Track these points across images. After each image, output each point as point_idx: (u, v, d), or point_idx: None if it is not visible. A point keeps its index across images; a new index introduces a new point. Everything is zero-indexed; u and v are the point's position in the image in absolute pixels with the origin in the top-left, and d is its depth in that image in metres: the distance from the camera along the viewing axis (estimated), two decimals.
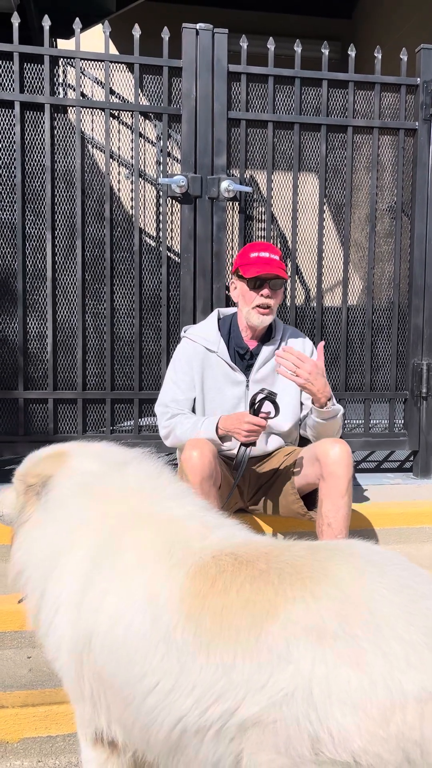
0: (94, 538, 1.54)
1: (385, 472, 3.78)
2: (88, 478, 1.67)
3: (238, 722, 1.29)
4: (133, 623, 1.41)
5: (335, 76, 3.44)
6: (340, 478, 2.40)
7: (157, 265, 3.36)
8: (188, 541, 1.51)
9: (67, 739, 2.15)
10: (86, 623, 1.47)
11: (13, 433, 3.27)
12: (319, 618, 1.28)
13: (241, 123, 3.36)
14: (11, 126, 3.18)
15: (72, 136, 3.25)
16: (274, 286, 2.62)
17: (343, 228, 3.54)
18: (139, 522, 1.55)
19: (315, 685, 1.23)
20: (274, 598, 1.33)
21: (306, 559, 1.41)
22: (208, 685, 1.32)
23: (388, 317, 3.61)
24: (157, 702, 1.36)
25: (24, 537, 1.66)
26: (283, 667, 1.26)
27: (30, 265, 3.25)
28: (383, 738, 1.18)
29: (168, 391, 2.68)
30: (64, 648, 1.52)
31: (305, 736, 1.23)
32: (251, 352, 2.71)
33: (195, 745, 1.34)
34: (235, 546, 1.50)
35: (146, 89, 3.32)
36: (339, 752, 1.21)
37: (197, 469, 2.34)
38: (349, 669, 1.22)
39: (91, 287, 3.32)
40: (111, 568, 1.49)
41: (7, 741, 2.14)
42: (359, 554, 1.42)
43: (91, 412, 3.37)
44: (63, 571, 1.54)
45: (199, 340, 2.71)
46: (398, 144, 3.53)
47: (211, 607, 1.37)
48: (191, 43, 3.27)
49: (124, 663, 1.41)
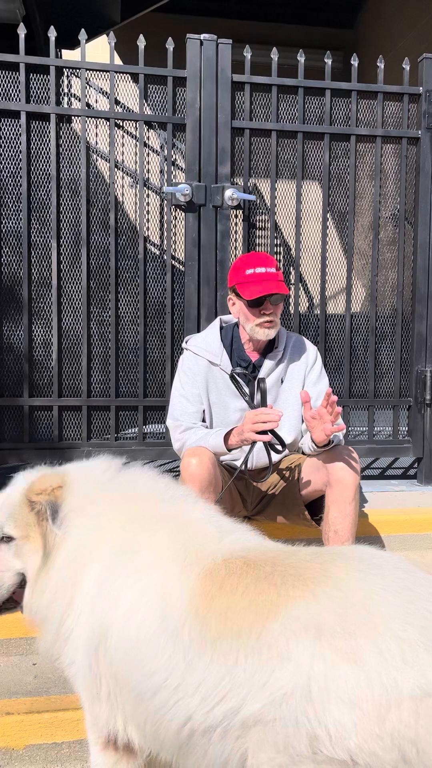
0: (112, 540, 1.57)
1: (389, 479, 3.78)
2: (97, 494, 1.68)
3: (241, 721, 1.31)
4: (145, 620, 1.44)
5: (338, 85, 3.47)
6: (347, 485, 2.40)
7: (161, 273, 3.38)
8: (203, 544, 1.55)
9: (72, 746, 2.15)
10: (103, 620, 1.49)
11: (18, 440, 3.29)
12: (318, 616, 1.30)
13: (245, 132, 3.39)
14: (17, 136, 3.21)
15: (77, 145, 3.28)
16: (274, 301, 2.54)
17: (347, 236, 3.56)
18: (157, 524, 1.59)
19: (313, 683, 1.25)
20: (276, 598, 1.36)
21: (309, 563, 1.43)
22: (213, 684, 1.34)
23: (392, 324, 3.62)
24: (166, 698, 1.38)
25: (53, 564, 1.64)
26: (284, 664, 1.28)
27: (35, 273, 3.27)
28: (379, 735, 1.19)
29: (177, 404, 2.64)
30: (81, 648, 1.54)
31: (303, 734, 1.24)
32: (253, 365, 2.65)
33: (204, 744, 1.36)
34: (245, 550, 1.53)
35: (151, 99, 3.36)
36: (336, 750, 1.22)
37: (196, 477, 2.33)
38: (346, 666, 1.23)
39: (96, 295, 3.34)
40: (127, 566, 1.52)
41: (12, 748, 2.14)
42: (361, 557, 1.44)
43: (96, 419, 3.38)
44: (85, 575, 1.57)
45: (202, 353, 2.65)
46: (401, 152, 3.56)
47: (217, 607, 1.39)
48: (195, 54, 3.30)
49: (137, 660, 1.43)
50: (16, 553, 1.66)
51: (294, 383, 2.65)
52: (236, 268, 2.62)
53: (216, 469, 2.41)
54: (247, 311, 2.56)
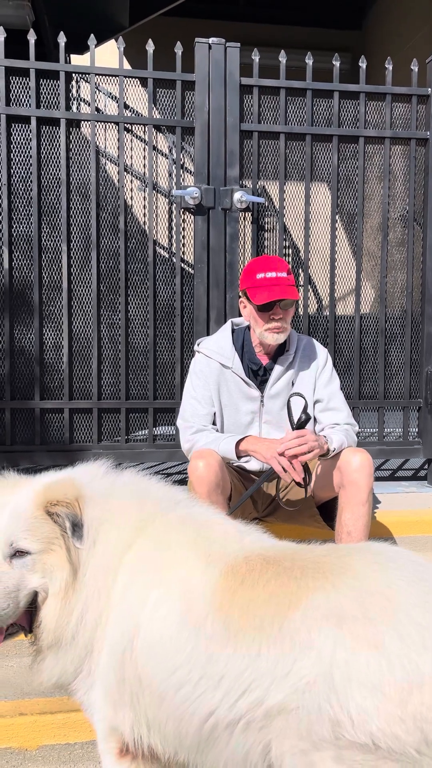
0: (137, 547, 1.58)
1: (399, 480, 3.77)
2: (114, 502, 1.66)
3: (265, 711, 1.33)
4: (168, 617, 1.46)
5: (346, 87, 3.47)
6: (361, 486, 2.40)
7: (171, 275, 3.40)
8: (224, 543, 1.57)
9: (85, 746, 2.17)
10: (129, 622, 1.50)
11: (29, 442, 3.31)
12: (339, 605, 1.32)
13: (254, 135, 3.40)
14: (28, 141, 3.24)
15: (86, 149, 3.30)
16: (284, 306, 2.54)
17: (356, 237, 3.56)
18: (177, 526, 1.61)
19: (335, 669, 1.27)
20: (296, 590, 1.39)
21: (327, 557, 1.47)
22: (236, 676, 1.35)
23: (401, 326, 3.62)
24: (188, 693, 1.40)
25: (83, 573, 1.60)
26: (306, 653, 1.31)
27: (46, 276, 3.30)
28: (401, 718, 1.22)
29: (188, 406, 2.65)
30: (105, 655, 1.54)
31: (326, 719, 1.27)
32: (265, 368, 2.66)
33: (225, 737, 1.38)
34: (264, 548, 1.57)
35: (159, 103, 3.37)
36: (358, 734, 1.24)
37: (204, 480, 2.34)
38: (367, 652, 1.26)
39: (106, 298, 3.36)
40: (151, 568, 1.54)
41: (26, 748, 2.16)
42: (377, 551, 1.48)
43: (107, 422, 3.40)
44: (114, 585, 1.55)
45: (214, 356, 2.66)
46: (410, 153, 3.56)
47: (239, 601, 1.41)
48: (204, 57, 3.32)
49: (160, 657, 1.44)
50: (33, 569, 1.55)
51: (305, 386, 2.66)
52: (248, 271, 2.62)
53: (224, 472, 2.42)
54: (257, 315, 2.57)
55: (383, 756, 1.23)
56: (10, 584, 1.53)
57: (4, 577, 1.53)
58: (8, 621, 1.56)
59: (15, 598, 1.54)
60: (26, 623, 1.61)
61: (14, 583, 1.54)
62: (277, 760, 1.34)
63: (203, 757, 1.44)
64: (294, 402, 2.43)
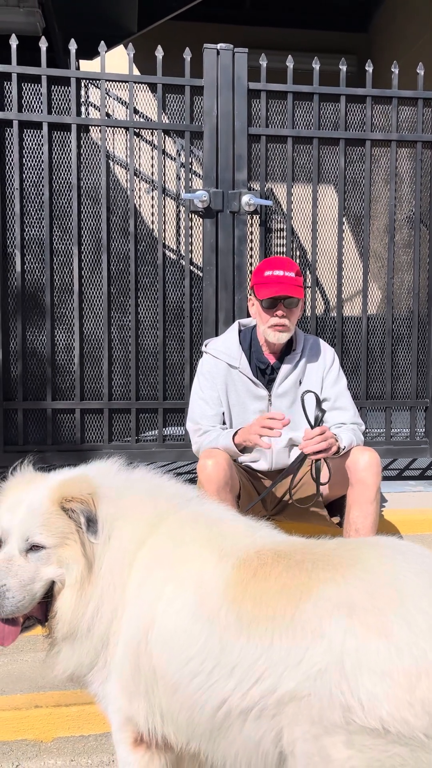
0: (151, 542, 1.62)
1: (406, 479, 3.80)
2: (128, 499, 1.70)
3: (277, 699, 1.38)
4: (183, 609, 1.50)
5: (353, 91, 3.51)
6: (369, 485, 2.44)
7: (180, 278, 3.45)
8: (237, 537, 1.63)
9: (99, 738, 2.21)
10: (145, 614, 1.55)
11: (41, 442, 3.36)
12: (348, 595, 1.37)
13: (261, 139, 3.45)
14: (40, 146, 3.29)
15: (97, 154, 3.36)
16: (288, 305, 2.59)
17: (362, 239, 3.60)
18: (190, 522, 1.66)
19: (346, 657, 1.32)
20: (308, 581, 1.44)
21: (337, 550, 1.52)
22: (249, 665, 1.40)
23: (408, 326, 3.65)
24: (201, 683, 1.44)
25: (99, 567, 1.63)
26: (317, 642, 1.36)
27: (57, 279, 3.35)
28: (410, 703, 1.26)
29: (197, 407, 2.69)
30: (121, 647, 1.58)
31: (337, 705, 1.31)
32: (272, 367, 2.70)
33: (238, 725, 1.42)
34: (275, 543, 1.63)
35: (168, 108, 3.42)
36: (369, 719, 1.29)
37: (212, 478, 2.38)
38: (377, 640, 1.31)
39: (117, 300, 3.41)
40: (166, 562, 1.58)
41: (41, 740, 2.20)
42: (386, 544, 1.54)
43: (117, 422, 3.44)
44: (130, 579, 1.60)
45: (221, 356, 2.70)
46: (416, 156, 3.59)
47: (251, 593, 1.46)
48: (212, 63, 3.36)
49: (175, 649, 1.49)
50: (48, 562, 1.60)
51: (312, 385, 2.69)
52: (258, 270, 2.69)
53: (232, 470, 2.46)
54: (262, 312, 2.62)
55: (392, 740, 1.28)
56: (25, 577, 1.58)
57: (21, 570, 1.58)
58: (24, 612, 1.60)
59: (31, 590, 1.59)
60: (41, 615, 1.66)
61: (30, 576, 1.59)
62: (289, 746, 1.38)
63: (215, 745, 1.48)
64: (307, 399, 2.47)
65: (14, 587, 1.56)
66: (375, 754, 1.30)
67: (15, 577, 1.57)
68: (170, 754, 1.63)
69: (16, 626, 1.64)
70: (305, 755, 1.36)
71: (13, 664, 2.50)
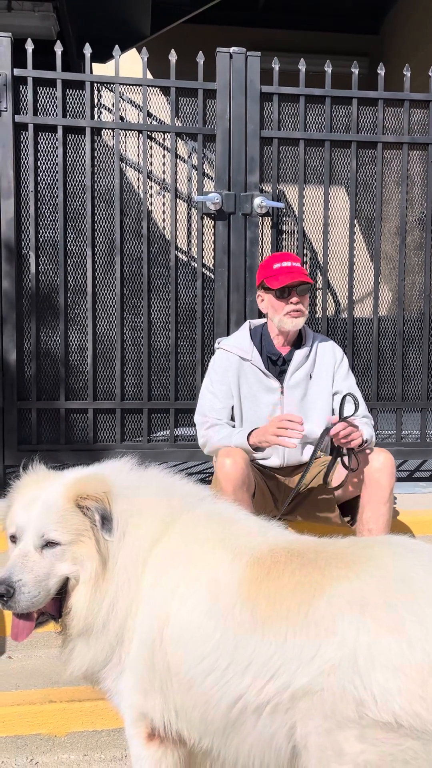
0: (165, 540, 1.65)
1: (417, 481, 3.81)
2: (142, 497, 1.72)
3: (291, 694, 1.40)
4: (197, 607, 1.53)
5: (365, 94, 3.53)
6: (383, 486, 2.46)
7: (192, 279, 3.48)
8: (250, 537, 1.65)
9: (112, 733, 2.24)
10: (160, 611, 1.57)
11: (55, 442, 3.40)
12: (361, 592, 1.40)
13: (274, 141, 3.47)
14: (54, 149, 3.33)
15: (110, 157, 3.39)
16: (301, 292, 2.69)
17: (373, 241, 3.61)
18: (204, 521, 1.69)
19: (359, 653, 1.35)
20: (321, 579, 1.46)
21: (350, 548, 1.55)
22: (264, 661, 1.42)
23: (419, 328, 3.66)
24: (216, 680, 1.47)
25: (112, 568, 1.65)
26: (331, 638, 1.38)
27: (71, 280, 3.39)
28: (421, 697, 1.29)
29: (206, 401, 2.74)
30: (136, 643, 1.61)
31: (350, 699, 1.34)
32: (283, 358, 2.76)
33: (253, 721, 1.45)
34: (288, 542, 1.66)
35: (181, 111, 3.46)
36: (381, 713, 1.31)
37: (230, 477, 2.41)
38: (389, 636, 1.34)
39: (129, 301, 3.44)
40: (181, 560, 1.61)
41: (55, 735, 2.23)
42: (398, 543, 1.57)
43: (129, 422, 3.48)
44: (144, 576, 1.62)
45: (233, 350, 2.76)
46: (428, 158, 3.60)
47: (265, 591, 1.49)
48: (225, 66, 3.39)
49: (189, 646, 1.51)
50: (63, 558, 1.62)
51: (323, 378, 2.73)
52: (264, 266, 2.78)
53: (249, 469, 2.48)
54: (276, 302, 2.70)
55: (405, 734, 1.30)
56: (40, 573, 1.60)
57: (36, 566, 1.60)
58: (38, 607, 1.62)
59: (45, 585, 1.61)
60: (55, 611, 1.68)
61: (45, 572, 1.61)
62: (302, 740, 1.41)
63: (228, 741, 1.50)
64: (346, 402, 2.54)
65: (29, 582, 1.59)
66: (387, 747, 1.32)
67: (30, 573, 1.59)
68: (182, 749, 1.65)
69: (31, 621, 1.66)
70: (318, 749, 1.38)
71: (27, 659, 2.53)
